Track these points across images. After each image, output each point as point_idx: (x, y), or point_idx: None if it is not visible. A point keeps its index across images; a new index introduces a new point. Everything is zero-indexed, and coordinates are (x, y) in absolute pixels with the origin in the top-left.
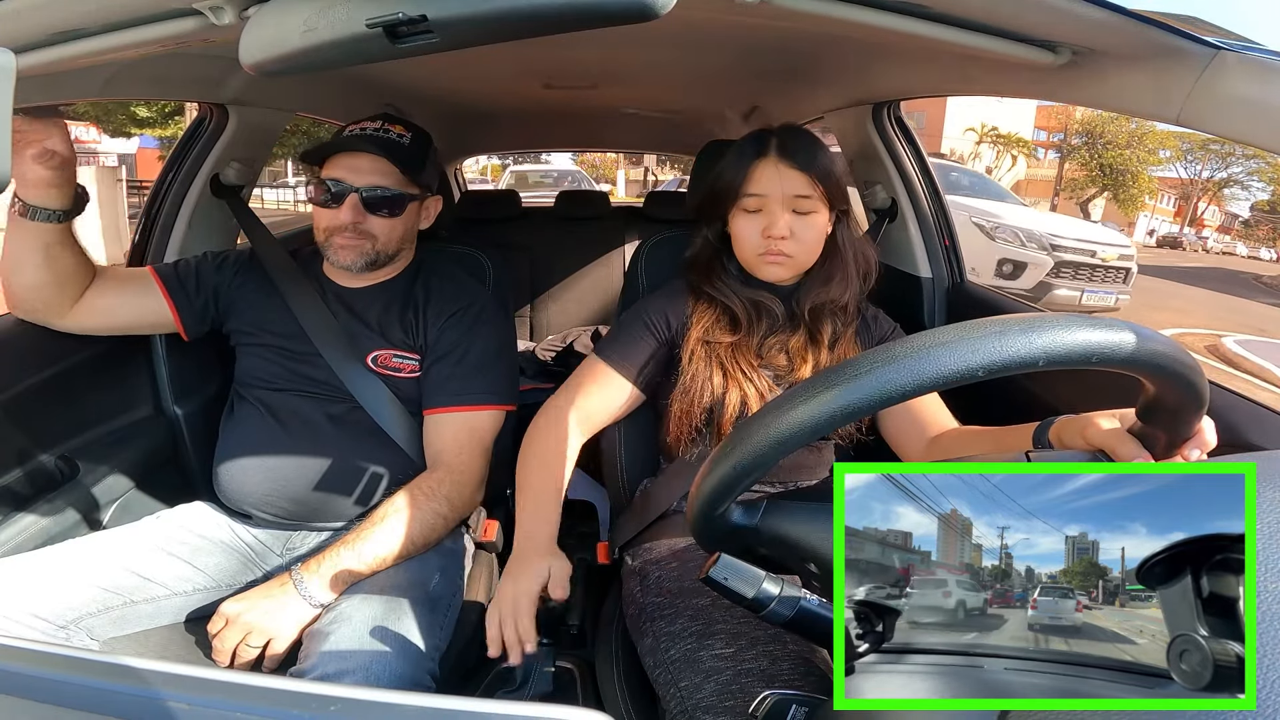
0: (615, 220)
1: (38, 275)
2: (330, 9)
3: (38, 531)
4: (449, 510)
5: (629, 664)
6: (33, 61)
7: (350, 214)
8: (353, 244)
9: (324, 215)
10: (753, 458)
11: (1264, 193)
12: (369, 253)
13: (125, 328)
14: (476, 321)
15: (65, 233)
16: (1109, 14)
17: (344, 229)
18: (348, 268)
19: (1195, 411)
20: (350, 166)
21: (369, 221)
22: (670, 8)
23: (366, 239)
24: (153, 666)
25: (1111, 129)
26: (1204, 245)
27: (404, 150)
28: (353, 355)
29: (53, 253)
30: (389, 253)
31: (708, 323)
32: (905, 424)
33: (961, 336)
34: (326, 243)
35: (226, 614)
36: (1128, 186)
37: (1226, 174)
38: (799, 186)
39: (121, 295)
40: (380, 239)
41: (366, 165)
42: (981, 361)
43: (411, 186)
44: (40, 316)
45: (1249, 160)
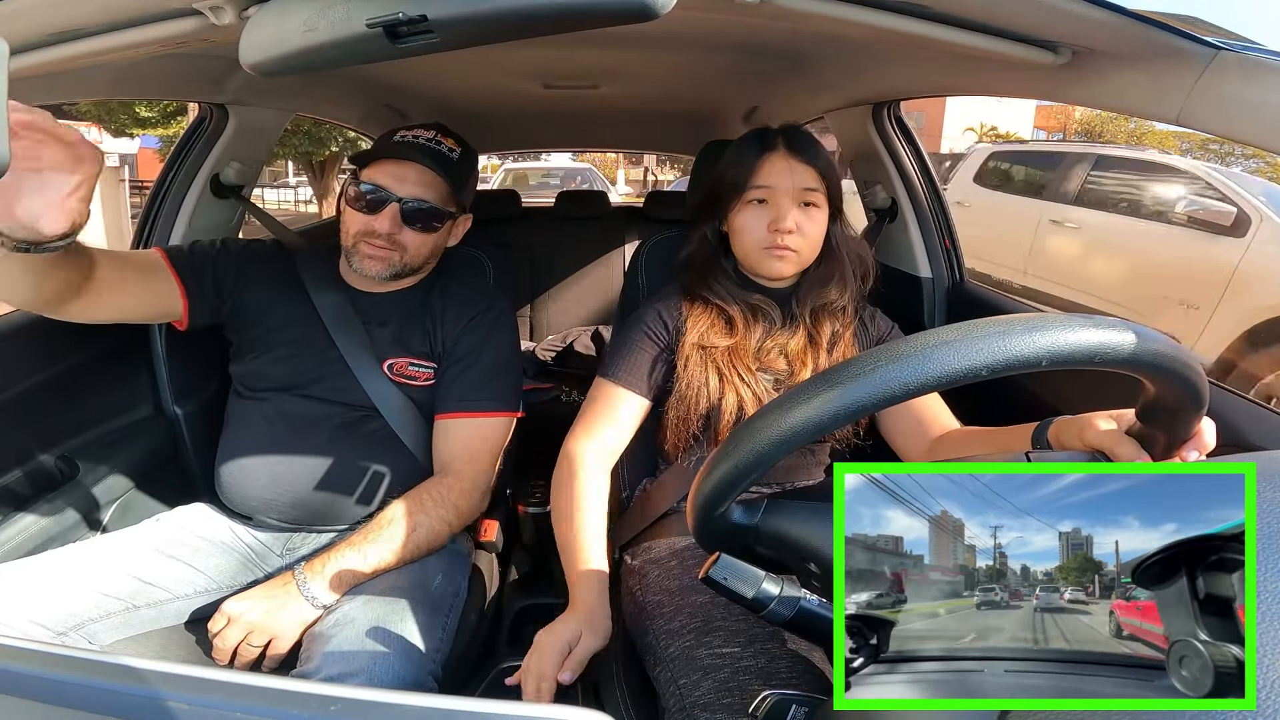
0: (615, 220)
1: (35, 295)
2: (330, 9)
3: (38, 531)
4: (455, 517)
5: (629, 663)
6: (33, 61)
7: (388, 224)
8: (382, 254)
9: (357, 219)
10: (754, 456)
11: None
12: (396, 264)
13: (130, 313)
14: (494, 327)
15: (66, 252)
16: (1109, 14)
17: (376, 236)
18: (372, 276)
19: (1195, 413)
20: (395, 174)
21: (404, 233)
22: (670, 8)
23: (397, 250)
24: (153, 666)
25: (1110, 129)
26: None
27: (453, 165)
28: (371, 360)
29: (51, 274)
30: (415, 266)
31: (703, 326)
32: (907, 425)
33: (965, 335)
34: (354, 248)
35: (229, 613)
36: None
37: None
38: (807, 180)
39: (128, 278)
40: (410, 252)
41: (413, 175)
42: (985, 361)
43: (451, 204)
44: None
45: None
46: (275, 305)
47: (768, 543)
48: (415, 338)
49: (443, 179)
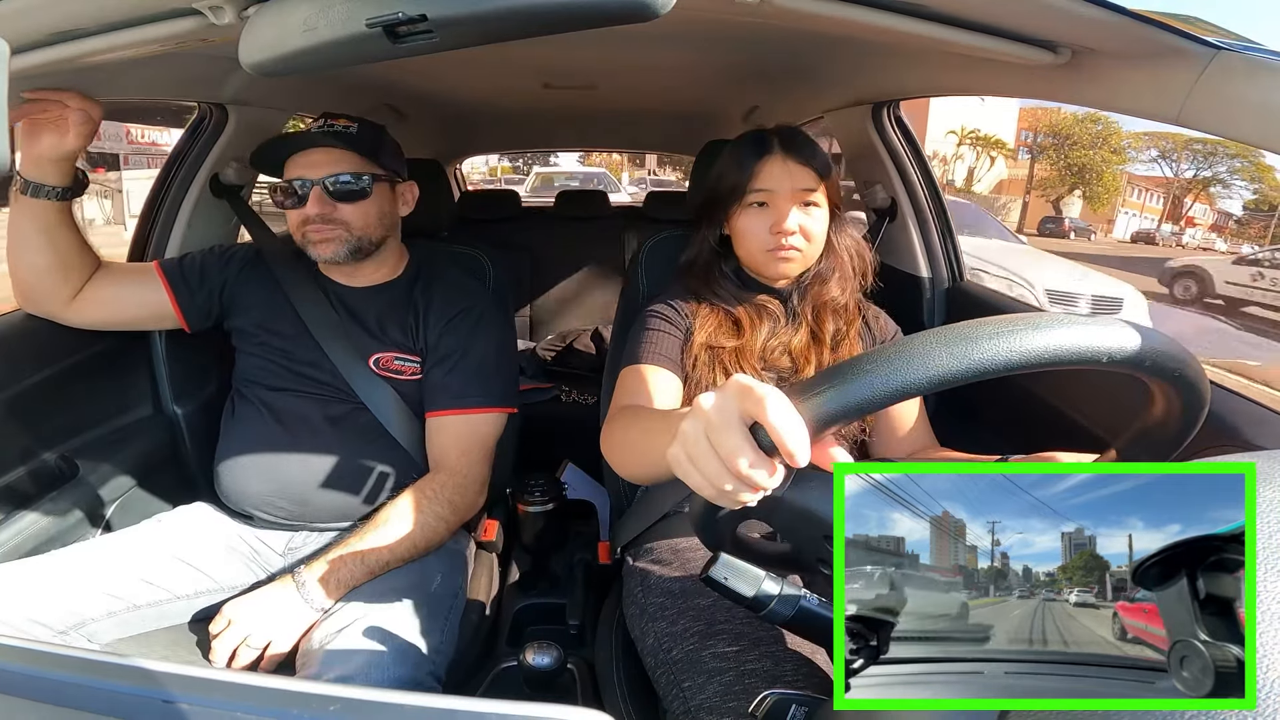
0: (615, 220)
1: (40, 257)
2: (330, 8)
3: (38, 531)
4: (451, 514)
5: (629, 664)
6: (33, 61)
7: (317, 205)
8: (328, 235)
9: (293, 216)
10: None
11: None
12: (348, 240)
13: (128, 321)
14: (478, 324)
15: (65, 213)
16: (1109, 14)
17: (312, 222)
18: (332, 259)
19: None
20: (306, 163)
21: (339, 210)
22: (670, 8)
23: (340, 227)
24: (153, 666)
25: (1078, 131)
26: (1178, 241)
27: (355, 138)
28: (356, 356)
29: (53, 234)
30: (371, 238)
31: (711, 327)
32: (888, 436)
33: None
34: (304, 241)
35: (229, 614)
36: (1093, 185)
37: (1210, 173)
38: (806, 181)
39: (123, 288)
40: (355, 225)
41: (321, 158)
42: (1063, 349)
43: (373, 168)
44: (45, 306)
45: (1232, 159)
46: (262, 307)
47: (782, 517)
48: (397, 331)
49: (350, 150)
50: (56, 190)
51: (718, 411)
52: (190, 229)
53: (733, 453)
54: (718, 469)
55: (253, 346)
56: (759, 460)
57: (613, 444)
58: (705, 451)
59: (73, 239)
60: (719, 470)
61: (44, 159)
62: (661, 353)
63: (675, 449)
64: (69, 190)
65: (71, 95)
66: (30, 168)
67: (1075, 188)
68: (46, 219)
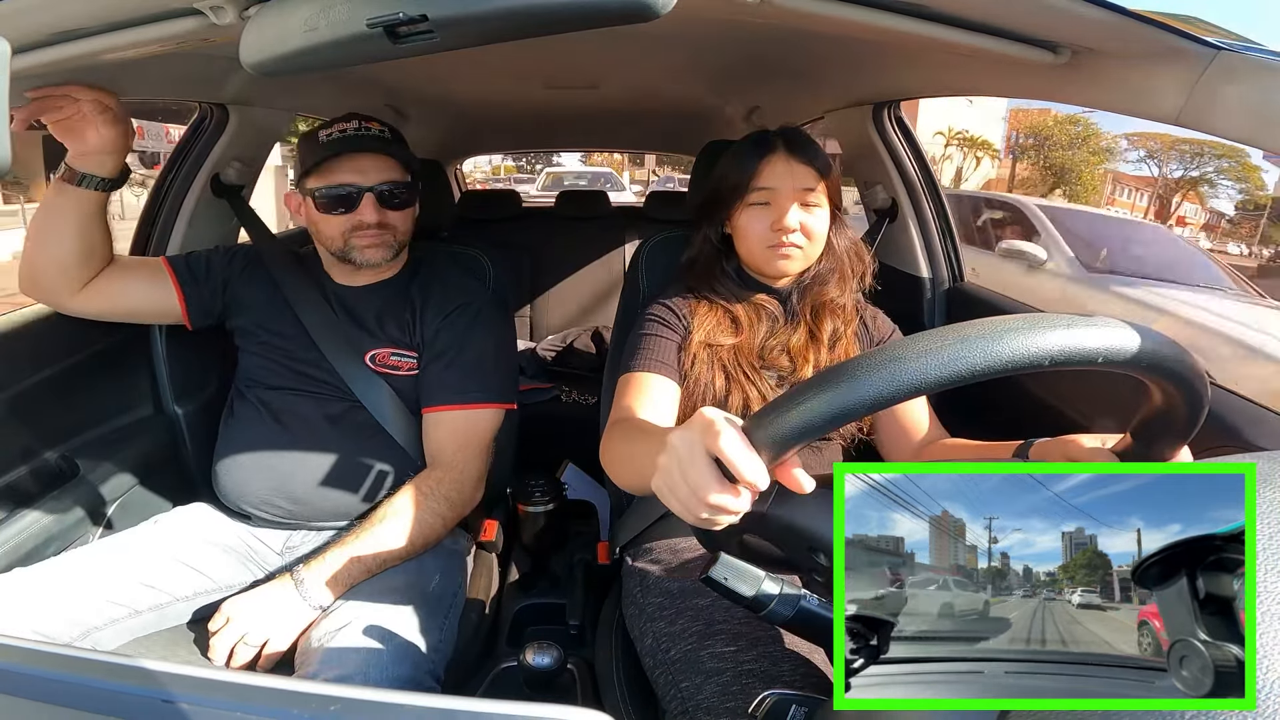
0: (615, 220)
1: (66, 246)
2: (331, 9)
3: (39, 530)
4: (448, 510)
5: (629, 664)
6: (33, 61)
7: (373, 212)
8: (376, 240)
9: (337, 221)
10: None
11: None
12: (392, 245)
13: (128, 313)
14: (474, 321)
15: (102, 205)
16: (1109, 14)
17: (366, 228)
18: (377, 264)
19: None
20: (354, 168)
21: (388, 215)
22: (670, 8)
23: (389, 231)
24: (154, 666)
25: (1058, 132)
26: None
27: (391, 143)
28: (352, 354)
29: (86, 224)
30: (405, 241)
31: (709, 325)
32: (896, 433)
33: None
34: (348, 246)
35: (227, 612)
36: (1073, 185)
37: (1199, 173)
38: (808, 180)
39: (130, 280)
40: (400, 230)
41: (370, 164)
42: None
43: (408, 174)
44: (50, 295)
45: (1219, 159)
46: (262, 307)
47: (776, 531)
48: (394, 327)
49: (391, 157)
50: (106, 181)
51: (685, 446)
52: (191, 229)
53: (699, 486)
54: (691, 499)
55: (255, 346)
56: (724, 488)
57: (609, 459)
58: (678, 483)
59: (103, 230)
60: (692, 500)
61: (89, 154)
62: (658, 359)
63: (657, 480)
64: (116, 181)
65: (76, 88)
66: (78, 160)
67: (1056, 187)
68: (86, 208)
